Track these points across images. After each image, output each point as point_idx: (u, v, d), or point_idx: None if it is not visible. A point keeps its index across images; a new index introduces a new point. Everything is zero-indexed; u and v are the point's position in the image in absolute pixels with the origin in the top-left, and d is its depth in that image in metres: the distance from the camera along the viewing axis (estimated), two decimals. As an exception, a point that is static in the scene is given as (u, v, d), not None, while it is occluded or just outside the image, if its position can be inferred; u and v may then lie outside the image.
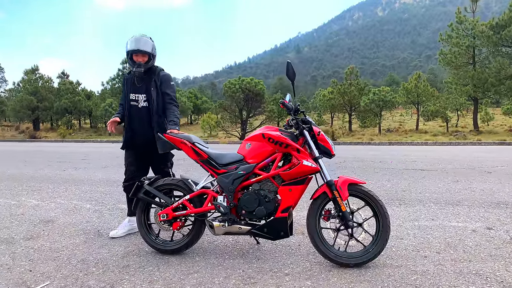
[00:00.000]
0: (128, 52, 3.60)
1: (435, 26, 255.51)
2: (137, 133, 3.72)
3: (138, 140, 3.73)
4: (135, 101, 3.71)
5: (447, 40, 26.17)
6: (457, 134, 23.78)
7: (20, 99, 41.52)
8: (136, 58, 3.59)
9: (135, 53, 3.58)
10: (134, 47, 3.55)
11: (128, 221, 3.89)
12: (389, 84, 70.01)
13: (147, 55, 3.61)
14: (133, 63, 3.60)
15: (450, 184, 6.29)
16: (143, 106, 3.70)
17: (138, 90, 3.70)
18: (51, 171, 8.44)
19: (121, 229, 3.84)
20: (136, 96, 3.70)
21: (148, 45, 3.60)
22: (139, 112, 3.70)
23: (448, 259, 3.09)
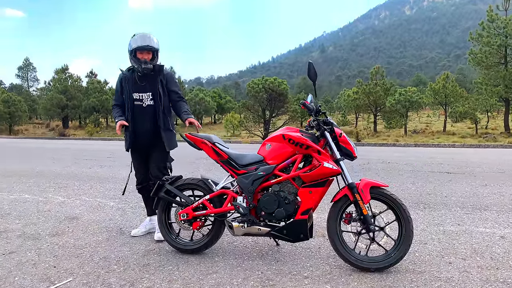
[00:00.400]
0: (133, 50, 3.48)
1: (465, 25, 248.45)
2: (141, 134, 3.62)
3: (142, 140, 3.64)
4: (139, 100, 3.59)
5: (478, 39, 25.39)
6: (487, 136, 23.04)
7: (51, 97, 42.89)
8: (141, 56, 3.49)
9: (140, 51, 3.48)
10: (142, 43, 3.45)
11: (149, 220, 3.90)
12: (416, 84, 68.55)
13: (151, 52, 3.53)
14: (137, 60, 3.49)
15: (478, 188, 6.09)
16: (149, 104, 3.60)
17: (142, 89, 3.59)
18: (77, 168, 8.66)
19: (142, 228, 3.88)
20: (140, 95, 3.59)
21: (154, 41, 3.53)
22: (144, 112, 3.60)
23: (474, 266, 2.98)
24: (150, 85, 3.59)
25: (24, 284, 2.80)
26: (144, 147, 3.68)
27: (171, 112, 3.78)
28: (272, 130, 28.50)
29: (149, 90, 3.59)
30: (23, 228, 4.14)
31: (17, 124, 43.18)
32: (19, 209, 4.96)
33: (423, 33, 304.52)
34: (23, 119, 43.30)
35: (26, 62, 73.62)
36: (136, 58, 3.49)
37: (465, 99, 29.60)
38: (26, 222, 4.37)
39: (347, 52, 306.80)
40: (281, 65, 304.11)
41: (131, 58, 3.52)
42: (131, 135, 3.61)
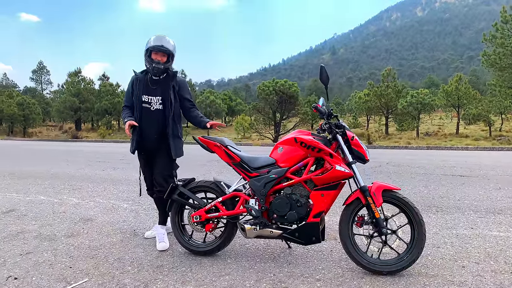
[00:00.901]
0: (148, 50, 3.45)
1: (478, 26, 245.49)
2: (147, 137, 3.56)
3: (147, 144, 3.58)
4: (147, 103, 3.53)
5: (491, 41, 25.06)
6: (501, 139, 22.71)
7: (64, 100, 43.50)
8: (156, 57, 3.45)
9: (155, 51, 3.44)
10: (158, 43, 3.42)
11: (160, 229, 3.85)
12: (428, 86, 67.87)
13: (166, 55, 3.48)
14: (150, 60, 3.45)
15: (491, 191, 6.02)
16: (157, 109, 3.55)
17: (152, 92, 3.54)
18: (91, 170, 8.79)
19: (155, 230, 3.93)
20: (150, 98, 3.53)
21: (171, 44, 3.49)
22: (152, 115, 3.53)
23: (488, 270, 2.96)
24: (161, 89, 3.55)
25: (41, 284, 2.86)
26: (149, 151, 3.62)
27: (181, 120, 3.75)
28: (283, 133, 28.49)
29: (160, 94, 3.54)
30: (39, 229, 4.23)
31: (31, 127, 43.86)
32: (35, 210, 5.05)
33: (435, 34, 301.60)
34: (37, 121, 43.98)
35: (40, 66, 74.90)
36: (150, 58, 3.45)
37: (479, 101, 29.22)
38: (42, 223, 4.46)
39: (358, 54, 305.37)
40: (292, 67, 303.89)
41: (146, 58, 3.49)
42: (137, 137, 3.55)
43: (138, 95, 3.53)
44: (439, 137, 27.02)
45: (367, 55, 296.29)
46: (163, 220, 3.78)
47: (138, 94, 3.53)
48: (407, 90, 34.67)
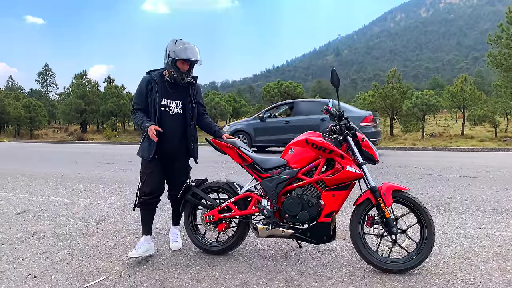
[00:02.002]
0: (175, 59, 3.33)
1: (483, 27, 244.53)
2: (168, 141, 3.43)
3: (168, 148, 3.45)
4: (166, 106, 3.43)
5: (497, 41, 25.00)
6: (507, 140, 22.65)
7: (70, 102, 43.83)
8: (182, 66, 3.36)
9: (183, 61, 3.34)
10: (191, 57, 3.31)
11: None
12: (433, 87, 67.66)
13: (189, 64, 3.40)
14: (178, 70, 3.35)
15: (498, 192, 6.06)
16: (177, 113, 3.47)
17: (171, 96, 3.44)
18: (100, 172, 8.89)
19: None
20: (169, 102, 3.43)
21: (198, 54, 3.40)
22: (171, 119, 3.44)
23: (496, 269, 3.02)
24: (181, 93, 3.48)
25: (60, 281, 2.95)
26: (168, 156, 3.49)
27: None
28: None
29: (180, 98, 3.47)
30: (55, 229, 4.33)
31: (37, 129, 44.21)
32: (48, 211, 5.16)
33: (439, 35, 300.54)
34: (43, 123, 44.34)
35: (46, 68, 75.47)
36: (177, 66, 3.34)
37: (484, 102, 29.16)
38: (56, 223, 4.56)
39: (362, 55, 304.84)
40: (296, 69, 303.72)
41: (172, 65, 3.34)
42: (158, 142, 3.37)
43: (156, 98, 3.40)
44: (445, 138, 26.97)
45: (371, 56, 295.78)
46: (177, 220, 3.82)
47: (156, 97, 3.40)
48: (412, 91, 34.62)
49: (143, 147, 3.46)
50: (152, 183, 3.45)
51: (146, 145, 3.43)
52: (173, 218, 3.83)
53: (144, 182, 3.46)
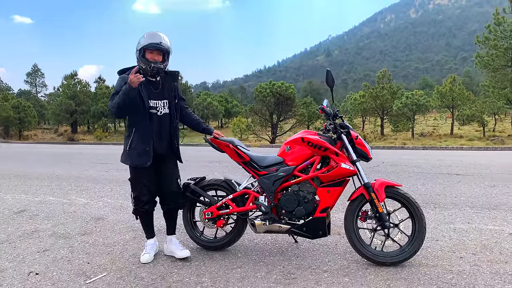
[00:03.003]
0: (142, 49, 3.12)
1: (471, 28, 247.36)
2: (159, 146, 3.25)
3: (159, 152, 3.27)
4: (154, 108, 3.20)
5: (484, 42, 25.41)
6: (494, 139, 23.03)
7: (60, 103, 43.41)
8: (151, 56, 3.12)
9: (150, 50, 3.11)
10: (154, 40, 3.09)
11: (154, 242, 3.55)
12: (423, 87, 68.35)
13: (161, 54, 3.17)
14: (146, 60, 3.11)
15: (486, 188, 6.24)
16: (165, 113, 3.27)
17: (157, 96, 3.23)
18: (95, 172, 8.92)
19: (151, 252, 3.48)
20: (156, 103, 3.21)
21: (166, 41, 3.16)
22: (160, 121, 3.24)
23: (484, 260, 3.16)
24: (165, 92, 3.30)
25: (62, 278, 3.02)
26: (157, 159, 3.27)
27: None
28: (280, 134, 28.70)
29: (165, 97, 3.28)
30: (53, 228, 4.38)
31: (26, 130, 43.75)
32: (46, 210, 5.20)
33: (429, 36, 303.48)
34: (32, 124, 43.88)
35: (35, 68, 74.58)
36: (145, 58, 3.12)
37: (472, 102, 29.58)
38: (55, 222, 4.61)
39: (352, 55, 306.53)
40: (287, 69, 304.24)
41: (140, 58, 3.14)
42: (148, 146, 3.18)
43: (145, 101, 3.15)
44: (434, 137, 27.33)
45: (362, 56, 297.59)
46: (173, 230, 3.56)
47: (145, 100, 3.15)
48: (402, 91, 34.98)
49: (131, 153, 3.20)
50: (148, 191, 3.31)
51: (137, 151, 3.18)
52: (168, 229, 3.55)
53: (140, 191, 3.29)
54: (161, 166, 3.34)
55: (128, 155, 3.23)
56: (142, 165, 3.19)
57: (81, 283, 2.91)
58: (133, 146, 3.20)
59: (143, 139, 3.19)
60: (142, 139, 3.19)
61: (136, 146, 3.18)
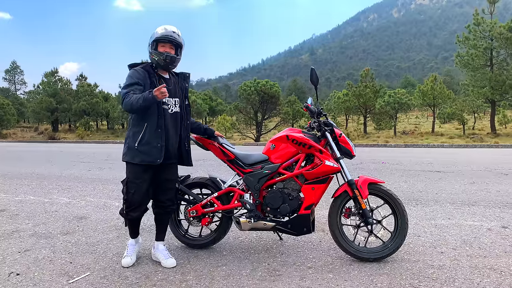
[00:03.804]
0: (154, 41, 3.09)
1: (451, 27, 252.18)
2: (170, 144, 3.15)
3: (169, 152, 3.16)
4: (166, 104, 3.12)
5: (464, 42, 25.97)
6: (474, 137, 23.56)
7: (40, 101, 42.54)
8: (164, 49, 3.08)
9: (163, 42, 3.08)
10: (167, 32, 3.07)
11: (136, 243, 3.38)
12: (405, 86, 69.36)
13: (174, 48, 3.13)
14: (159, 53, 3.08)
15: (466, 185, 6.39)
16: (175, 111, 3.19)
17: (170, 93, 3.13)
18: (77, 171, 8.78)
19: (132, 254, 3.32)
20: (168, 100, 3.14)
21: (179, 35, 3.16)
22: (171, 119, 3.16)
23: (464, 255, 3.24)
24: (177, 90, 3.25)
25: (44, 278, 2.96)
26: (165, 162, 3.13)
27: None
28: (265, 132, 28.75)
29: (176, 96, 3.22)
30: (34, 227, 4.30)
31: (5, 128, 42.75)
32: (26, 210, 5.10)
33: (410, 35, 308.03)
34: (11, 122, 42.92)
35: (14, 65, 72.92)
36: (157, 51, 3.09)
37: (453, 101, 30.20)
38: (36, 222, 4.52)
39: (336, 54, 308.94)
40: (271, 67, 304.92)
41: (152, 51, 3.11)
42: (160, 144, 3.06)
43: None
44: (416, 135, 27.79)
45: (345, 55, 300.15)
46: (162, 236, 3.40)
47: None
48: (385, 90, 35.47)
49: (142, 149, 3.04)
50: (141, 194, 3.11)
51: (149, 147, 3.03)
52: (158, 234, 3.39)
53: (134, 193, 3.09)
54: (163, 170, 3.19)
55: (137, 152, 3.04)
56: (153, 162, 3.04)
57: (64, 283, 2.86)
58: (145, 141, 3.03)
59: (156, 134, 3.04)
60: (155, 133, 3.04)
61: (149, 141, 3.02)
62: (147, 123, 3.04)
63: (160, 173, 3.19)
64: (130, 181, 3.10)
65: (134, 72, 3.07)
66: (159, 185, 3.22)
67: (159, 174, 3.18)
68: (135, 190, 3.08)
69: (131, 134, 3.11)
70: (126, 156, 3.11)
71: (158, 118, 3.04)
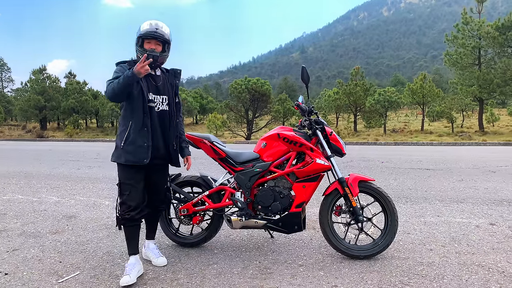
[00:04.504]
0: (140, 38, 2.95)
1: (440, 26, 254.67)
2: (157, 144, 3.01)
3: (157, 152, 3.02)
4: (152, 101, 2.98)
5: (453, 41, 26.24)
6: (463, 135, 23.83)
7: (28, 98, 42.00)
8: (149, 46, 2.94)
9: (148, 38, 2.93)
10: (151, 28, 2.93)
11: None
12: (394, 84, 69.93)
13: (161, 44, 2.99)
14: (144, 51, 2.92)
15: (455, 183, 6.46)
16: (163, 110, 3.06)
17: (156, 90, 3.03)
18: (66, 169, 8.68)
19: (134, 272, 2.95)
20: (154, 97, 3.00)
21: (167, 31, 3.02)
22: (158, 117, 3.02)
23: (452, 252, 3.28)
24: (166, 87, 3.11)
25: (33, 278, 2.93)
26: (153, 162, 2.99)
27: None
28: (255, 131, 28.75)
29: (165, 93, 3.08)
30: (22, 227, 4.24)
31: (-8, 126, 42.16)
32: (14, 209, 5.03)
33: (400, 34, 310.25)
34: (-1, 120, 42.34)
35: (0, 62, 71.83)
36: (143, 48, 2.94)
37: (442, 99, 30.48)
38: (24, 221, 4.47)
39: (326, 52, 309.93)
40: (262, 65, 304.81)
41: (137, 48, 2.98)
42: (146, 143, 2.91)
43: (145, 92, 2.93)
44: (405, 133, 28.01)
45: (335, 54, 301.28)
46: (153, 234, 3.35)
47: (145, 90, 2.93)
48: (375, 88, 35.66)
49: (127, 149, 2.90)
50: (138, 195, 2.95)
51: (134, 147, 2.90)
52: (148, 232, 3.32)
53: (129, 195, 2.93)
54: (152, 170, 3.05)
55: (123, 152, 2.90)
56: (139, 163, 2.89)
57: (53, 283, 2.84)
58: (130, 141, 2.89)
59: (141, 133, 2.90)
60: (140, 133, 2.89)
61: (134, 140, 2.89)
62: (131, 121, 2.92)
63: (150, 175, 3.07)
64: (123, 182, 2.96)
65: (120, 68, 2.94)
66: (149, 186, 3.11)
67: (149, 175, 3.06)
68: (130, 191, 2.93)
69: (119, 133, 3.00)
70: (113, 156, 3.02)
71: (143, 116, 2.90)
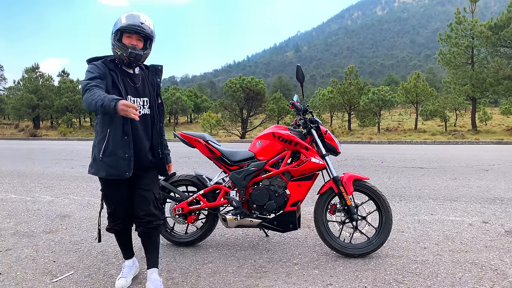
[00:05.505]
0: (118, 31, 2.52)
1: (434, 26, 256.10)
2: (140, 152, 2.62)
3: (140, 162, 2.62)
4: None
5: (446, 40, 26.38)
6: (456, 134, 23.99)
7: (21, 97, 41.67)
8: (129, 41, 2.52)
9: (128, 33, 2.51)
10: (133, 21, 2.49)
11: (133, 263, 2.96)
12: (388, 83, 70.14)
13: (143, 40, 2.57)
14: (123, 46, 2.51)
15: (448, 181, 6.51)
16: (144, 114, 2.66)
17: (135, 92, 2.63)
18: (60, 168, 8.64)
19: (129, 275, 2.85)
20: (135, 100, 2.61)
21: (151, 26, 2.59)
22: (140, 122, 2.61)
23: (446, 250, 3.31)
24: (146, 88, 2.71)
25: (26, 278, 2.91)
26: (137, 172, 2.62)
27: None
28: (250, 129, 28.75)
29: (145, 95, 2.69)
30: (16, 226, 4.22)
31: (-16, 125, 41.79)
32: (7, 208, 5.00)
33: (394, 33, 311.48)
34: (-9, 119, 41.99)
35: (-7, 61, 71.12)
36: (121, 43, 2.52)
37: (435, 98, 30.65)
38: (17, 220, 4.44)
39: (320, 51, 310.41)
40: (256, 64, 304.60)
41: (115, 42, 2.54)
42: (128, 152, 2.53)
43: (123, 95, 2.53)
44: (399, 132, 28.15)
45: (330, 53, 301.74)
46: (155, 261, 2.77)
47: (123, 94, 2.54)
48: (369, 87, 35.77)
49: (107, 162, 2.52)
50: (124, 208, 2.70)
51: (115, 158, 2.52)
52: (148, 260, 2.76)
53: (116, 209, 2.70)
54: (136, 183, 2.68)
55: (102, 165, 2.54)
56: (120, 176, 2.53)
57: (47, 282, 2.82)
58: (109, 152, 2.51)
59: (122, 142, 2.52)
60: (121, 142, 2.51)
61: (114, 151, 2.51)
62: (109, 129, 2.53)
63: (137, 186, 2.68)
64: (105, 195, 2.71)
65: (93, 67, 2.52)
66: (134, 202, 2.68)
67: (135, 186, 2.68)
68: (116, 205, 2.69)
69: (96, 143, 2.61)
70: (91, 169, 2.64)
71: (123, 123, 2.51)
